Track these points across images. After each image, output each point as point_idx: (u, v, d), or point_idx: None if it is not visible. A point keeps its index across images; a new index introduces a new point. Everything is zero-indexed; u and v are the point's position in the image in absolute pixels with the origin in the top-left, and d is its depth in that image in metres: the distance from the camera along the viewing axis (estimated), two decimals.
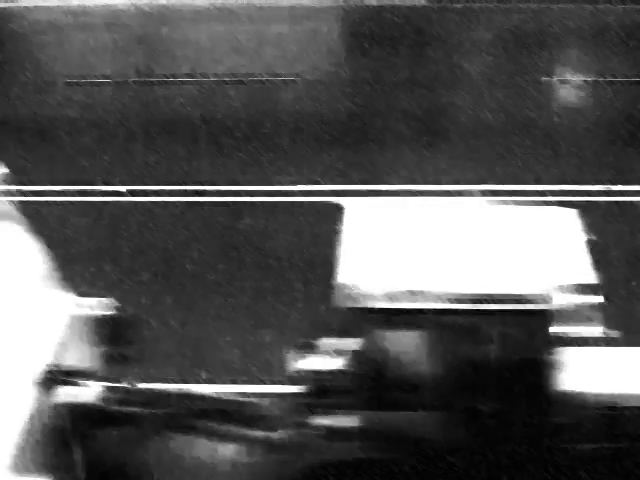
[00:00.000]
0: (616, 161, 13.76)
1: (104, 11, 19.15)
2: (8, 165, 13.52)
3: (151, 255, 11.54)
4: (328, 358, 7.39)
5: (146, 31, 18.25)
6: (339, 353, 7.40)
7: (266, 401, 7.41)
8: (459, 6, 19.09)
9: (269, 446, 7.19)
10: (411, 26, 18.27)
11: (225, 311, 10.59)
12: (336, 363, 7.33)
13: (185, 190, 13.00)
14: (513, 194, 13.01)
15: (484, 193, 13.01)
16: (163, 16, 18.91)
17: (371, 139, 14.43)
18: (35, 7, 19.43)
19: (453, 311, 6.68)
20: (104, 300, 8.29)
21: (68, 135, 14.55)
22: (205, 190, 12.99)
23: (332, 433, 7.08)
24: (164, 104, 15.56)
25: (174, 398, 7.39)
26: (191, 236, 11.90)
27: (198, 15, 18.93)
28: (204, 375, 9.58)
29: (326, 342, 7.52)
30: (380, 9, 19.04)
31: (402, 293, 6.66)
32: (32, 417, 6.98)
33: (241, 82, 16.23)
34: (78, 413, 7.29)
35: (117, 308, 8.42)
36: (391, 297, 6.67)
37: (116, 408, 7.33)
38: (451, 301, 6.66)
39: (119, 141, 14.38)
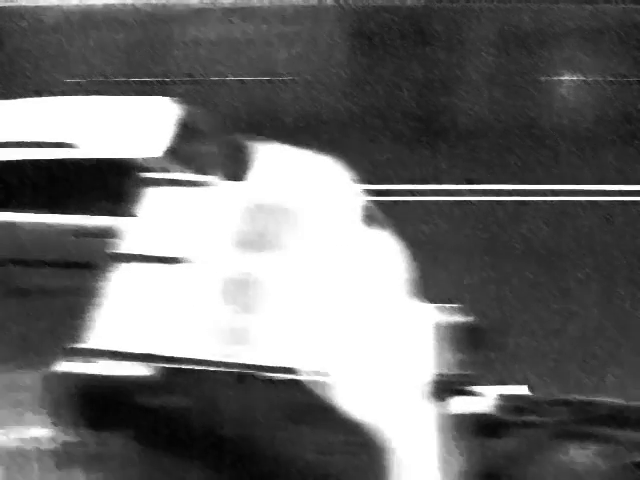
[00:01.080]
0: (616, 161, 13.75)
1: (104, 11, 19.15)
2: None
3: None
4: None
5: (146, 31, 18.25)
6: None
7: None
8: (459, 6, 19.09)
9: None
10: (411, 26, 18.26)
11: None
12: None
13: None
14: (513, 194, 13.00)
15: (484, 193, 13.00)
16: (163, 16, 18.91)
17: (371, 139, 14.43)
18: (35, 7, 19.43)
19: None
20: (459, 306, 7.97)
21: None
22: None
23: None
24: None
25: (566, 405, 7.14)
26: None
27: (198, 15, 18.93)
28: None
29: None
30: (380, 9, 19.04)
31: None
32: (430, 431, 6.78)
33: (241, 82, 16.23)
34: (473, 423, 7.07)
35: (473, 313, 8.06)
36: None
37: (511, 417, 7.07)
38: None
39: None
